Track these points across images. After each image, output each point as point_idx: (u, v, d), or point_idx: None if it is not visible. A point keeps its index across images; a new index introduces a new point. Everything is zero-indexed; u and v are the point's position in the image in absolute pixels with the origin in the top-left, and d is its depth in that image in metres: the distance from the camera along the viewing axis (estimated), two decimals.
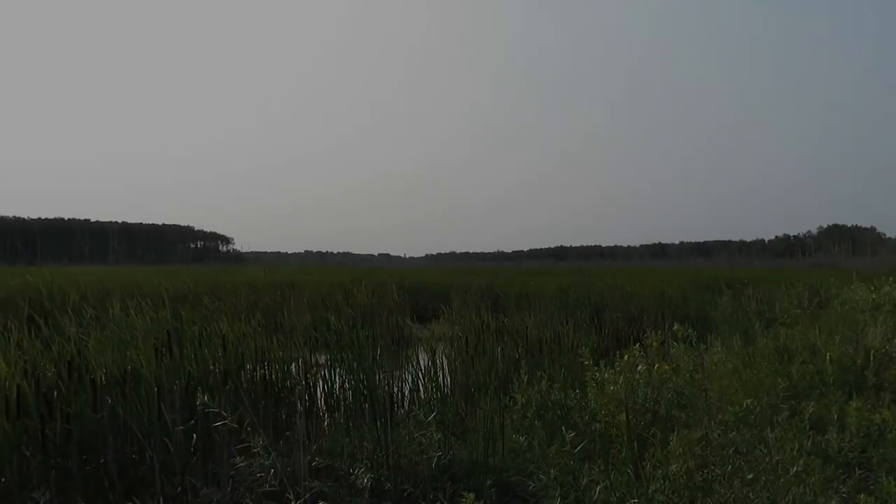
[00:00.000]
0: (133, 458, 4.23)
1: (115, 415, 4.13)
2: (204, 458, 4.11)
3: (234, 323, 6.31)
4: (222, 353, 5.07)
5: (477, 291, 18.80)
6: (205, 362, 4.96)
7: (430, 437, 3.77)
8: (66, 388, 3.99)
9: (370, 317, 11.30)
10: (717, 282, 18.78)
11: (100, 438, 3.97)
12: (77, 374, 4.07)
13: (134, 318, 5.32)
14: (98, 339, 4.76)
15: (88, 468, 3.86)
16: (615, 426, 4.37)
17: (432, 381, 5.93)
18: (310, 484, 3.62)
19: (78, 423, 3.86)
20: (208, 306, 11.17)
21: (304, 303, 13.61)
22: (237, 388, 4.77)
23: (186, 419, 4.16)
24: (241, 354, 5.21)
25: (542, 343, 6.79)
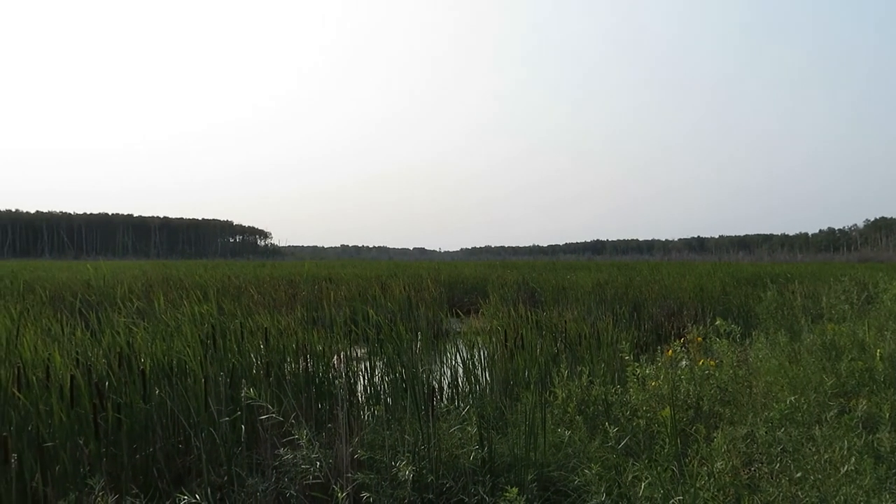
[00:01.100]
0: (179, 448, 4.34)
1: (162, 405, 4.23)
2: (248, 449, 4.19)
3: (275, 316, 6.40)
4: (264, 346, 5.16)
5: (513, 285, 18.77)
6: (247, 355, 5.06)
7: (471, 431, 3.78)
8: (117, 379, 4.11)
9: (407, 310, 11.37)
10: (759, 276, 18.42)
11: (148, 428, 4.08)
12: (127, 365, 4.19)
13: (179, 311, 5.44)
14: (146, 330, 4.88)
15: (138, 457, 3.97)
16: (657, 422, 4.33)
17: (471, 375, 5.94)
18: (352, 476, 3.66)
19: (128, 413, 3.97)
20: (249, 300, 11.36)
21: (342, 296, 13.75)
22: (279, 381, 4.84)
23: (231, 410, 4.25)
24: (283, 347, 5.29)
25: (581, 338, 6.75)
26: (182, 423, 4.21)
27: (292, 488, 3.66)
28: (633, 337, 7.62)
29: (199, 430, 4.03)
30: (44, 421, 3.72)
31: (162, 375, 4.37)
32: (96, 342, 4.64)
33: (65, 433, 3.66)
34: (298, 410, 4.22)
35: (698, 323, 9.05)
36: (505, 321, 7.65)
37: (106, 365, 4.24)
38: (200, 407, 4.07)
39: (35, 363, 3.99)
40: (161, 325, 5.11)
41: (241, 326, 5.46)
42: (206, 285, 12.38)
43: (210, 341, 4.72)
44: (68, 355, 4.23)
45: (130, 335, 4.75)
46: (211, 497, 3.00)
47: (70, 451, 3.61)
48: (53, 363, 3.94)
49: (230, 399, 4.41)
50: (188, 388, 4.27)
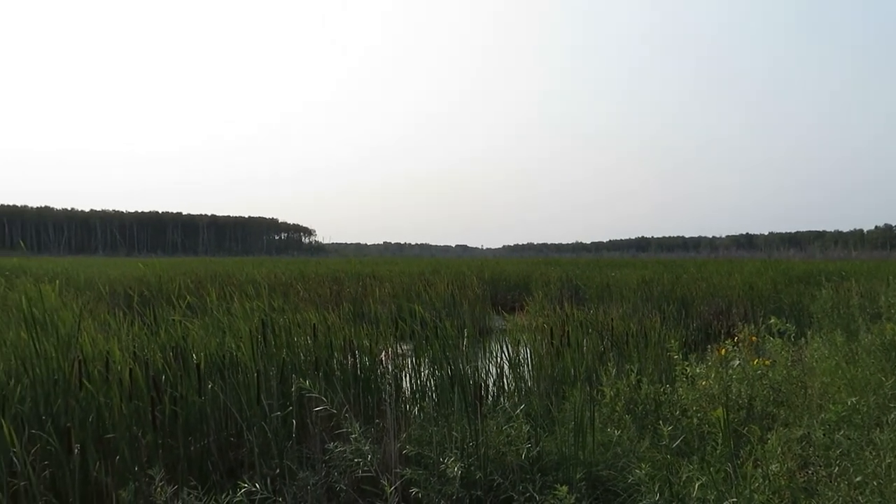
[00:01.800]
0: (231, 441, 4.44)
1: (215, 399, 4.33)
2: (298, 443, 4.26)
3: (322, 312, 6.48)
4: (312, 342, 5.23)
5: (557, 283, 18.64)
6: (296, 350, 5.13)
7: (519, 429, 3.77)
8: (173, 373, 4.22)
9: (451, 307, 11.39)
10: (812, 274, 17.91)
11: (203, 421, 4.19)
12: (182, 359, 4.30)
13: (230, 307, 5.55)
14: (199, 325, 5.00)
15: (193, 449, 4.07)
16: (708, 422, 4.25)
17: (517, 373, 5.92)
18: (401, 471, 3.69)
19: (183, 406, 4.08)
20: (297, 296, 11.54)
21: (386, 293, 13.86)
22: (328, 376, 4.91)
23: (281, 405, 4.33)
24: (330, 343, 5.35)
25: (627, 336, 6.67)
26: (234, 417, 4.30)
27: (342, 482, 3.71)
28: (682, 335, 7.49)
29: (251, 424, 4.12)
30: (104, 413, 3.84)
31: (214, 369, 4.48)
32: (152, 337, 4.77)
33: (124, 425, 3.78)
34: (348, 405, 4.27)
35: (748, 322, 8.83)
36: (550, 318, 7.60)
37: (162, 359, 4.35)
38: (252, 401, 4.16)
39: (95, 357, 4.13)
40: (214, 321, 5.22)
41: (289, 322, 5.55)
42: (256, 282, 12.61)
43: (260, 336, 4.81)
44: (126, 349, 4.36)
45: (185, 330, 4.87)
46: (269, 487, 3.06)
47: (129, 443, 3.73)
48: (113, 357, 4.07)
49: (280, 393, 4.49)
50: (240, 382, 4.36)
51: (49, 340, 4.11)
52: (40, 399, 3.85)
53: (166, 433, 3.94)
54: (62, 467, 3.53)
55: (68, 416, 3.77)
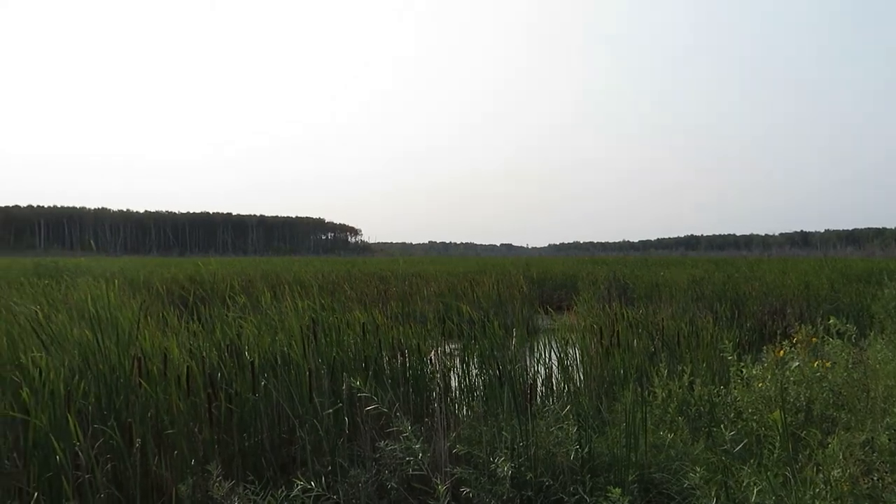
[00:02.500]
0: (283, 438, 4.52)
1: (268, 396, 4.42)
2: (349, 441, 4.31)
3: (371, 311, 6.54)
4: (362, 340, 5.28)
5: (604, 282, 18.42)
6: (346, 348, 5.19)
7: (569, 430, 3.74)
8: (228, 370, 4.32)
9: (498, 306, 11.37)
10: (872, 272, 17.28)
11: (256, 418, 4.27)
12: (237, 357, 4.40)
13: (282, 305, 5.65)
14: (253, 324, 5.10)
15: (247, 445, 4.16)
16: (764, 425, 4.14)
17: (565, 373, 5.88)
18: (451, 470, 3.70)
19: (238, 403, 4.17)
20: (344, 295, 11.67)
21: (432, 292, 13.91)
22: (377, 374, 4.95)
23: (332, 403, 4.38)
24: (379, 342, 5.40)
25: (679, 336, 6.55)
26: (286, 414, 4.38)
27: (393, 480, 3.74)
28: (735, 336, 7.32)
29: (303, 421, 4.18)
30: (162, 409, 3.96)
31: (267, 367, 4.56)
32: (208, 335, 4.89)
33: (181, 421, 3.88)
34: (397, 404, 4.30)
35: (804, 322, 8.56)
36: (599, 318, 7.52)
37: (217, 357, 4.46)
38: (305, 399, 4.22)
39: (154, 354, 4.25)
40: (266, 319, 5.32)
41: (338, 321, 5.62)
42: (304, 281, 12.83)
43: (311, 335, 4.88)
44: (183, 347, 4.48)
45: (239, 328, 4.98)
46: (324, 485, 3.10)
47: (186, 438, 3.83)
48: (170, 354, 4.18)
49: (331, 391, 4.55)
50: (292, 380, 4.43)
51: (110, 338, 4.25)
52: (103, 395, 3.99)
53: (222, 429, 4.03)
54: (124, 461, 3.64)
55: (129, 412, 3.89)
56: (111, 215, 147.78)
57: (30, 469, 3.47)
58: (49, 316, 4.93)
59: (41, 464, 3.51)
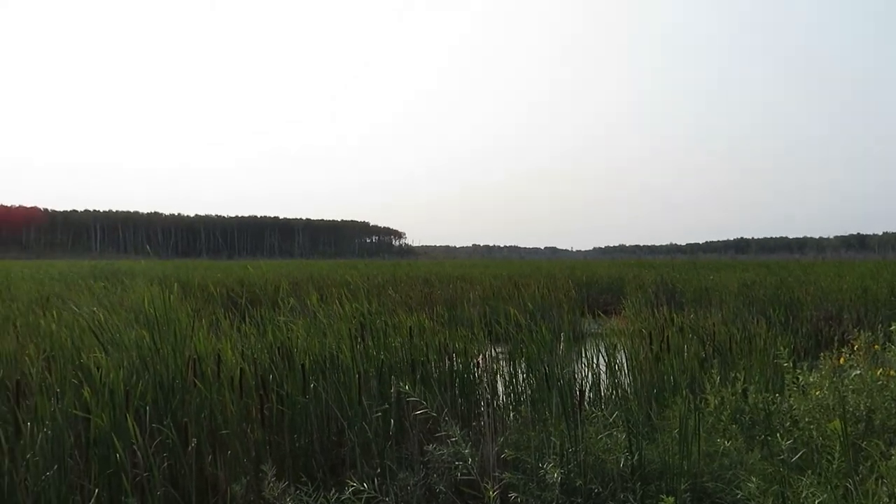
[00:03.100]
0: (332, 440, 4.57)
1: (318, 398, 4.47)
2: (397, 444, 4.33)
3: (418, 314, 6.57)
4: (409, 344, 5.31)
5: (651, 285, 18.13)
6: (393, 352, 5.22)
7: (619, 436, 3.69)
8: (279, 372, 4.40)
9: (544, 310, 11.29)
10: None
11: (307, 420, 4.33)
12: (287, 360, 4.47)
13: (330, 308, 5.73)
14: (303, 327, 5.18)
15: (298, 446, 4.22)
16: (822, 434, 4.02)
17: (613, 378, 5.80)
18: (499, 475, 3.69)
19: (289, 405, 4.23)
20: (389, 298, 11.75)
21: (477, 296, 13.90)
22: (425, 378, 4.96)
23: (380, 405, 4.42)
24: (426, 345, 5.42)
25: (731, 342, 6.40)
26: (335, 416, 4.43)
27: (441, 484, 3.74)
28: (790, 342, 7.12)
29: (352, 424, 4.22)
30: (216, 409, 4.04)
31: (317, 370, 4.62)
32: (259, 337, 4.98)
33: (234, 422, 3.96)
34: (446, 409, 4.31)
35: (862, 328, 8.28)
36: (647, 322, 7.40)
37: (268, 359, 4.54)
38: (354, 401, 4.27)
39: (208, 356, 4.34)
40: (316, 322, 5.40)
41: (385, 324, 5.66)
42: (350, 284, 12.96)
43: (359, 338, 4.93)
44: (235, 349, 4.57)
45: (290, 331, 5.05)
46: (376, 486, 3.13)
47: (240, 439, 3.91)
48: (224, 356, 4.27)
49: (379, 394, 4.59)
50: (341, 382, 4.48)
51: (166, 340, 4.37)
52: (159, 396, 4.10)
53: (273, 430, 4.10)
54: (179, 460, 3.74)
55: (185, 412, 3.99)
56: (163, 219, 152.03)
57: (91, 466, 3.58)
58: (107, 318, 5.10)
59: (101, 461, 3.62)
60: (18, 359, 4.34)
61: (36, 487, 3.36)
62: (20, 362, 4.31)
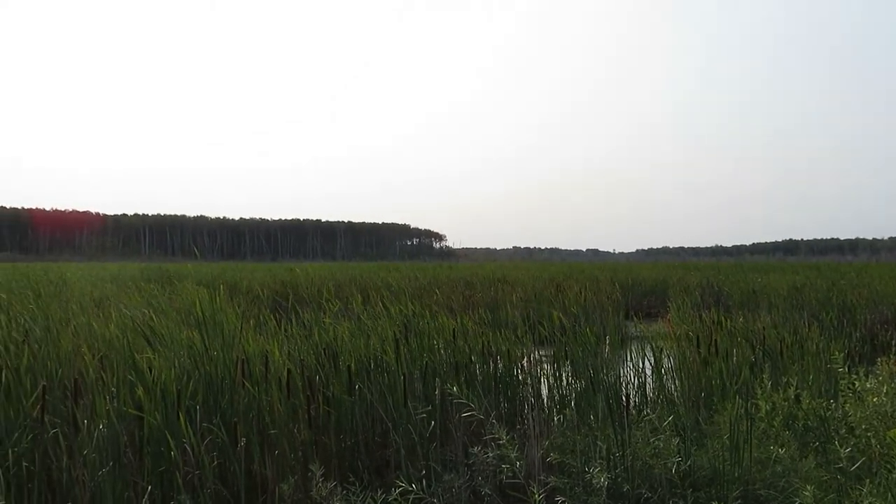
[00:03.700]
0: (377, 441, 4.60)
1: (363, 399, 4.51)
2: (442, 446, 4.34)
3: (461, 316, 6.57)
4: (452, 346, 5.32)
5: (696, 288, 17.80)
6: (437, 353, 5.24)
7: (669, 441, 3.63)
8: (325, 373, 4.45)
9: (586, 313, 11.18)
10: None
11: (352, 420, 4.37)
12: (333, 361, 4.52)
13: (373, 310, 5.77)
14: (347, 328, 5.23)
15: (344, 447, 4.26)
16: (880, 442, 3.88)
17: (660, 383, 5.71)
18: (545, 478, 3.66)
19: (335, 406, 4.28)
20: (430, 300, 11.78)
21: (518, 298, 13.84)
22: (469, 381, 4.96)
23: (424, 407, 4.43)
24: (469, 347, 5.41)
25: (781, 346, 6.24)
26: (380, 418, 4.46)
27: (486, 486, 3.73)
28: (844, 347, 6.91)
29: (397, 425, 4.24)
30: (264, 409, 4.11)
31: (362, 371, 4.66)
32: (305, 339, 5.05)
33: (281, 421, 4.02)
34: (494, 412, 4.30)
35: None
36: (694, 326, 7.26)
37: (315, 360, 4.59)
38: (399, 402, 4.29)
39: (256, 357, 4.42)
40: (360, 323, 5.44)
41: (428, 326, 5.67)
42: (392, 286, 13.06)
43: (403, 339, 4.95)
44: (281, 350, 4.64)
45: (335, 332, 5.11)
46: (424, 487, 3.14)
47: (287, 439, 3.96)
48: (272, 357, 4.34)
49: (424, 396, 4.60)
50: (385, 384, 4.51)
51: (216, 341, 4.46)
52: (209, 395, 4.18)
53: (320, 431, 4.15)
54: (229, 459, 3.81)
55: (233, 412, 4.06)
56: (209, 222, 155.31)
57: (144, 463, 3.67)
58: (157, 319, 5.22)
59: (154, 459, 3.71)
60: (76, 359, 4.48)
61: (93, 483, 3.46)
62: (77, 362, 4.44)
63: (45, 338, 4.89)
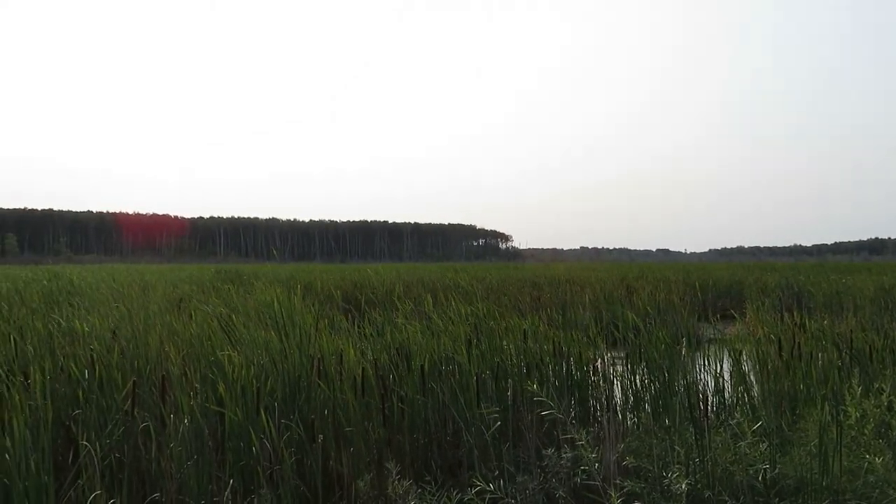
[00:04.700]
0: (449, 440, 4.62)
1: (434, 399, 4.54)
2: (514, 447, 4.32)
3: (529, 317, 6.53)
4: (523, 346, 5.29)
5: (775, 289, 17.14)
6: (508, 354, 5.22)
7: (756, 447, 3.51)
8: (399, 373, 4.50)
9: (659, 314, 10.91)
10: None
11: (425, 420, 4.40)
12: (406, 360, 4.56)
13: (447, 310, 5.80)
14: (419, 328, 5.27)
15: (417, 446, 4.30)
16: None
17: (739, 387, 5.52)
18: (621, 482, 3.59)
19: (408, 404, 4.32)
20: (497, 300, 11.76)
21: (587, 299, 13.65)
22: (540, 382, 4.93)
23: (496, 407, 4.42)
24: (540, 348, 5.37)
25: (871, 350, 5.93)
26: (452, 417, 4.47)
27: (561, 489, 3.69)
28: None
29: (469, 425, 4.25)
30: (339, 407, 4.18)
31: (434, 371, 4.69)
32: (378, 338, 5.12)
33: (357, 419, 4.09)
34: (570, 411, 4.26)
35: None
36: (774, 328, 6.99)
37: (387, 359, 4.65)
38: (472, 402, 4.29)
39: (330, 356, 4.51)
40: (431, 324, 5.48)
41: (498, 326, 5.66)
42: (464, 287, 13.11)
43: (475, 339, 4.96)
44: (355, 349, 4.72)
45: (407, 332, 5.16)
46: (501, 487, 3.14)
47: (362, 437, 4.02)
48: (346, 356, 4.42)
49: (495, 396, 4.60)
50: (457, 384, 4.52)
51: (292, 340, 4.57)
52: (286, 392, 4.29)
53: (394, 429, 4.20)
54: (306, 455, 3.89)
55: (310, 409, 4.16)
56: (280, 224, 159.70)
57: (226, 458, 3.80)
58: (235, 318, 5.40)
59: (235, 454, 3.83)
60: (161, 356, 4.67)
61: (179, 475, 3.60)
62: (162, 359, 4.64)
63: (133, 336, 5.13)
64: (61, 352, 4.76)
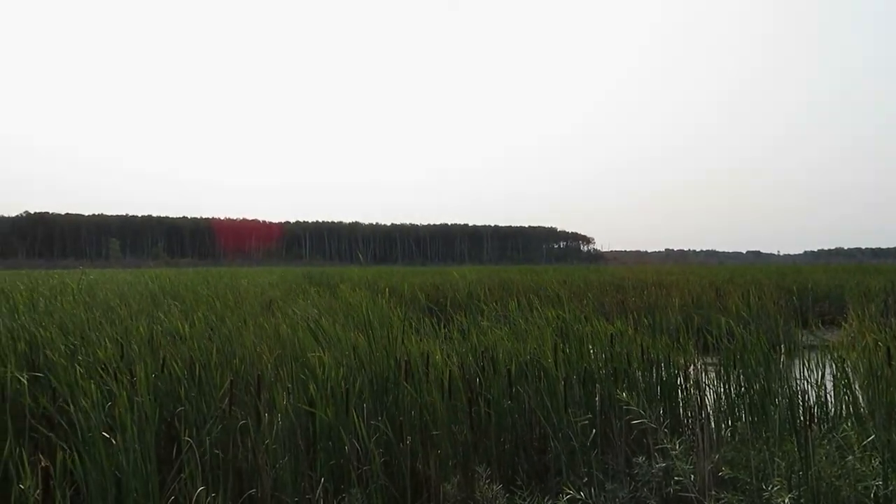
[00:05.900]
0: (535, 445, 4.57)
1: (521, 403, 4.51)
2: (602, 454, 4.23)
3: (614, 320, 6.38)
4: (610, 351, 5.17)
5: (880, 293, 16.12)
6: (593, 359, 5.11)
7: (865, 463, 3.30)
8: (485, 376, 4.49)
9: (751, 319, 10.46)
10: None
11: (512, 424, 4.38)
12: (492, 363, 4.55)
13: (533, 314, 5.75)
14: (505, 332, 5.25)
15: (504, 450, 4.28)
16: None
17: (844, 397, 5.21)
18: (717, 494, 3.46)
19: (495, 408, 4.31)
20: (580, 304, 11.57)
21: (674, 303, 13.25)
22: (629, 387, 4.81)
23: (583, 413, 4.34)
24: (627, 353, 5.24)
25: None
26: (538, 422, 4.42)
27: (652, 498, 3.59)
28: None
29: (556, 430, 4.19)
30: (425, 409, 4.21)
31: (520, 375, 4.66)
32: (464, 340, 5.13)
33: (443, 422, 4.10)
34: (663, 420, 4.14)
35: None
36: (881, 335, 6.56)
37: (474, 362, 4.65)
38: (560, 407, 4.24)
39: (417, 358, 4.54)
40: (517, 327, 5.45)
41: (585, 330, 5.55)
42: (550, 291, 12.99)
43: (561, 343, 4.89)
44: (442, 352, 4.74)
45: (493, 335, 5.15)
46: (593, 495, 3.08)
47: (449, 439, 4.04)
48: (433, 358, 4.45)
49: (584, 402, 4.51)
50: (544, 388, 4.47)
51: (379, 341, 4.64)
52: (374, 393, 4.36)
53: (481, 433, 4.19)
54: (394, 456, 3.94)
55: (398, 410, 4.21)
56: (363, 228, 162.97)
57: (317, 457, 3.89)
58: (324, 320, 5.53)
59: (325, 453, 3.92)
60: (255, 356, 4.84)
61: (274, 472, 3.71)
62: (256, 360, 4.81)
63: (229, 337, 5.34)
64: (163, 351, 5.01)
